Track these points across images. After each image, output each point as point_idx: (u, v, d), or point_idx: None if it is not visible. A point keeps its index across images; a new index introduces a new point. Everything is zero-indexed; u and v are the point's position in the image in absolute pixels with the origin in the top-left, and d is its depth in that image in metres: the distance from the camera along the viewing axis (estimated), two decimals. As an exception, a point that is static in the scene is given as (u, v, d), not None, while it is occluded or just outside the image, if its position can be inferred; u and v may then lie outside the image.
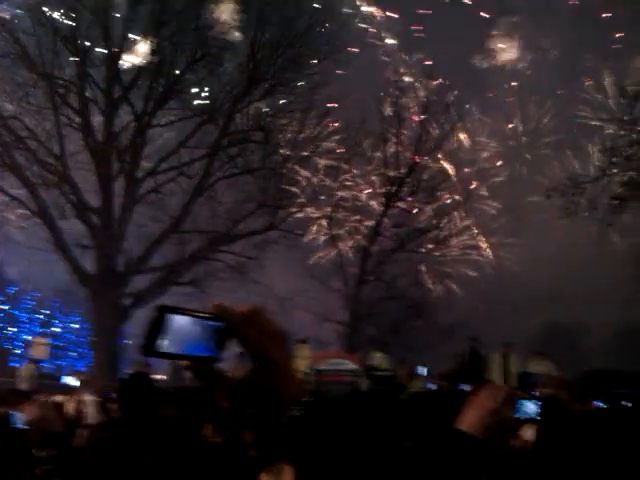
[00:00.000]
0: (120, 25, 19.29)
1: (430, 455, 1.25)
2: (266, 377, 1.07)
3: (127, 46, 19.58)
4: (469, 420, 1.39)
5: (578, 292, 29.77)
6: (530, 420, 2.09)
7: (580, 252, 27.04)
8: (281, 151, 20.95)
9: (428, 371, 13.07)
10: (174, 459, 3.46)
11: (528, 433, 2.64)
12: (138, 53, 19.81)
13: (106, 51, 19.12)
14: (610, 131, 21.49)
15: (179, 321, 1.02)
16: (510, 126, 33.94)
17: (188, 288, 19.64)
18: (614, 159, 19.20)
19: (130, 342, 19.56)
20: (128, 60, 19.79)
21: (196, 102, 20.10)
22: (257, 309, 1.08)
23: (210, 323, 1.04)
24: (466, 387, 9.11)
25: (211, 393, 1.09)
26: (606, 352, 28.37)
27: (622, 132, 19.20)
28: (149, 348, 1.01)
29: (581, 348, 29.31)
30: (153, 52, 19.21)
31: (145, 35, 19.43)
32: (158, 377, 16.14)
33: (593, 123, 30.21)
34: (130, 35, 19.59)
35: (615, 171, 19.29)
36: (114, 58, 19.14)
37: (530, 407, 2.13)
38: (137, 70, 19.51)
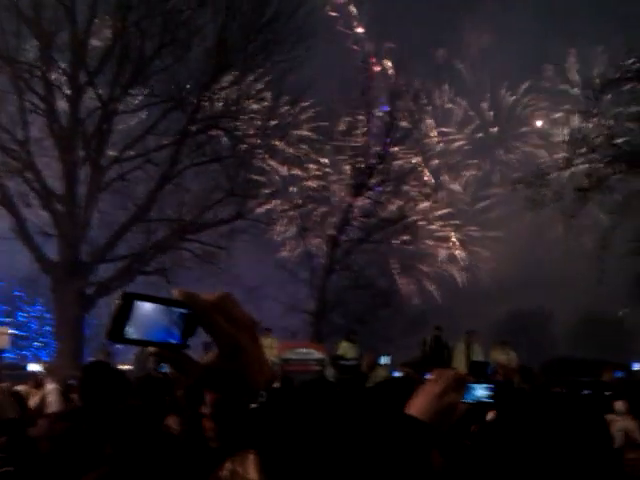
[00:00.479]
0: (86, 9, 18.89)
1: (380, 441, 1.26)
2: (233, 364, 1.07)
3: (93, 31, 19.19)
4: (418, 405, 1.41)
5: (544, 281, 30.40)
6: (482, 404, 2.12)
7: (547, 243, 27.58)
8: (250, 139, 20.83)
9: (391, 360, 13.19)
10: (133, 449, 3.43)
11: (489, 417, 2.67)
12: (104, 38, 19.45)
13: (71, 35, 18.73)
14: (576, 123, 21.86)
15: (145, 307, 1.02)
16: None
17: (154, 277, 19.47)
18: (579, 150, 19.55)
19: (95, 331, 19.35)
20: (94, 45, 19.43)
21: (163, 88, 19.79)
22: (225, 297, 1.08)
23: (177, 310, 1.04)
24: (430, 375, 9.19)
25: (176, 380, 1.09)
26: (571, 339, 28.98)
27: (587, 124, 19.54)
28: (114, 334, 1.00)
29: (546, 335, 29.86)
30: (119, 37, 18.85)
31: (112, 19, 19.05)
32: (124, 367, 16.02)
33: (558, 115, 30.72)
34: (96, 20, 19.22)
35: (580, 162, 19.64)
36: (79, 43, 18.76)
37: (481, 391, 2.15)
38: (103, 55, 19.15)
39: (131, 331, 1.01)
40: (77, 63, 18.87)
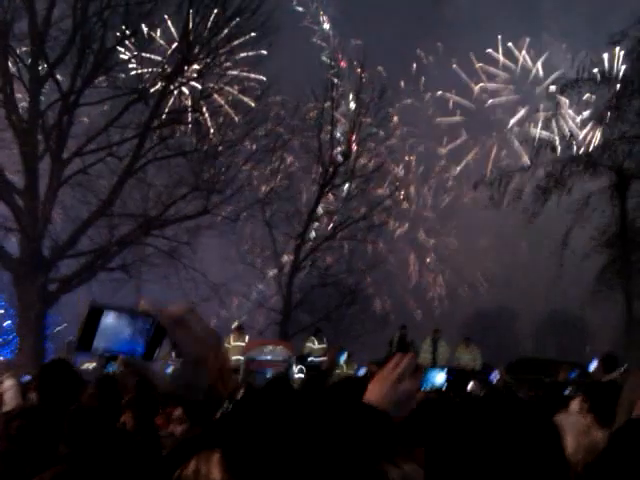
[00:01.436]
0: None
1: (337, 429, 1.26)
2: (194, 375, 1.10)
3: (53, 21, 18.78)
4: (374, 392, 1.41)
5: (510, 282, 30.89)
6: (437, 390, 2.14)
7: (511, 243, 28.05)
8: (215, 133, 20.68)
9: (354, 357, 13.31)
10: (89, 447, 3.38)
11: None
12: (65, 28, 19.06)
13: (30, 25, 18.31)
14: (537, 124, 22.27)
15: (111, 318, 1.05)
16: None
17: (117, 273, 19.21)
18: (540, 151, 19.91)
19: (57, 328, 19.02)
20: (54, 35, 19.03)
21: (126, 81, 19.50)
22: (189, 310, 1.12)
23: (143, 321, 1.07)
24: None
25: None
26: (535, 339, 29.51)
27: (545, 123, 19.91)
28: (83, 345, 1.05)
29: (511, 335, 30.35)
30: (80, 27, 18.48)
31: (73, 9, 18.67)
32: (90, 365, 15.78)
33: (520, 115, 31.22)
34: (57, 10, 18.81)
35: (540, 163, 20.00)
36: (39, 33, 18.34)
37: (438, 378, 2.18)
38: (64, 46, 18.76)
39: (99, 342, 1.04)
40: (36, 53, 18.45)
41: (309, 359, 13.37)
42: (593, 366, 10.68)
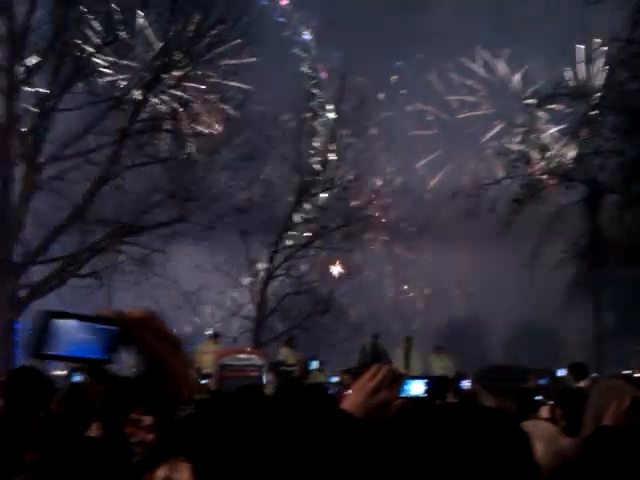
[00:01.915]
0: (25, 2, 18.33)
1: (312, 437, 1.28)
2: (157, 379, 1.11)
3: (32, 25, 18.62)
4: (351, 400, 1.43)
5: (484, 292, 31.14)
6: (417, 399, 2.15)
7: (487, 256, 28.28)
8: (193, 141, 20.62)
9: (325, 365, 13.34)
10: (58, 455, 3.36)
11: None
12: (44, 33, 18.91)
13: (8, 29, 18.14)
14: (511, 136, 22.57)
15: (67, 324, 1.05)
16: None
17: (89, 280, 18.99)
18: (514, 163, 20.17)
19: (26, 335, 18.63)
20: (33, 40, 18.87)
21: (105, 87, 19.38)
22: (150, 315, 1.13)
23: (102, 327, 1.08)
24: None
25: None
26: (506, 348, 29.74)
27: (521, 136, 20.20)
28: (35, 350, 1.05)
29: (483, 344, 30.57)
30: (60, 33, 18.35)
31: (52, 15, 18.54)
32: (59, 373, 15.54)
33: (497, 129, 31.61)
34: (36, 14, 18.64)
35: (515, 175, 20.25)
36: (17, 37, 18.18)
37: (417, 386, 2.18)
38: (42, 51, 18.61)
39: (53, 347, 1.04)
40: (14, 58, 18.27)
41: (282, 367, 13.34)
42: (561, 373, 10.85)
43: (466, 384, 9.90)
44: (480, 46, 34.01)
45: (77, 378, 6.90)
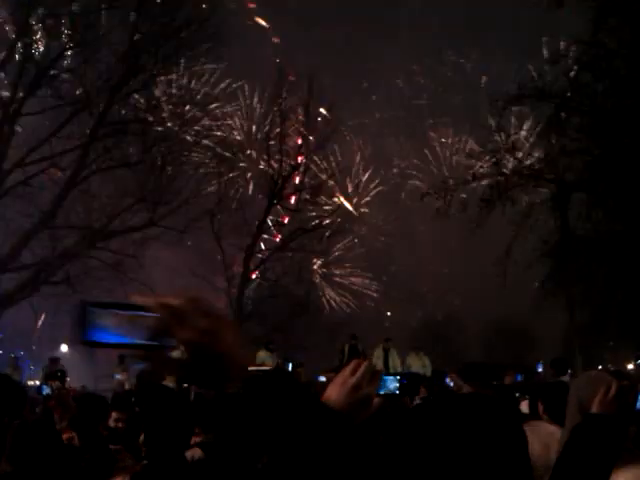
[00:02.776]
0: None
1: (295, 430, 1.24)
2: (205, 360, 1.13)
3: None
4: (332, 395, 1.39)
5: (456, 289, 31.43)
6: (391, 395, 2.14)
7: (459, 255, 28.57)
8: (161, 144, 20.41)
9: (296, 366, 13.35)
10: (33, 464, 3.25)
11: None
12: (6, 36, 18.55)
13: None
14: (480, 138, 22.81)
15: (107, 313, 1.09)
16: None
17: (61, 287, 18.66)
18: (483, 163, 20.40)
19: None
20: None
21: (71, 90, 19.05)
22: (190, 299, 1.15)
23: (141, 313, 1.11)
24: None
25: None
26: (482, 346, 30.08)
27: (491, 138, 20.42)
28: (82, 337, 1.08)
29: (459, 343, 30.88)
30: (22, 36, 18.01)
31: (14, 17, 18.19)
32: (32, 383, 15.26)
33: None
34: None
35: (484, 175, 20.47)
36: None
37: (391, 383, 2.18)
38: (5, 54, 18.24)
39: (98, 335, 1.08)
40: (-25, 62, 17.91)
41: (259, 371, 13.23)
42: (540, 369, 11.02)
43: (450, 381, 9.97)
44: (447, 47, 34.34)
45: (46, 391, 6.80)
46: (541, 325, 24.51)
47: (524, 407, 6.52)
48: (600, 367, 19.17)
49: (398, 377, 2.20)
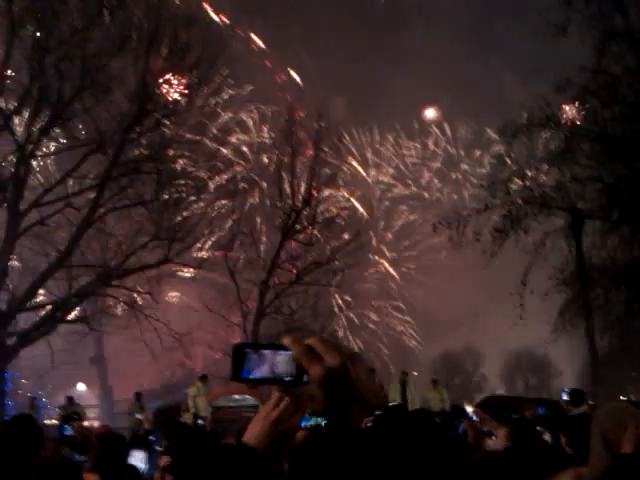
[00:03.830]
0: (1, 49, 18.38)
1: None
2: (337, 395, 1.20)
3: (9, 71, 18.64)
4: (253, 431, 1.36)
5: (473, 322, 31.15)
6: (318, 427, 2.08)
7: (474, 285, 28.37)
8: (175, 182, 20.61)
9: None
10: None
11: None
12: (22, 79, 18.92)
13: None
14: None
15: (258, 353, 1.24)
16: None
17: (77, 326, 18.70)
18: (495, 194, 20.35)
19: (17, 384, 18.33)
20: (11, 87, 18.88)
21: (84, 131, 19.35)
22: (320, 338, 1.23)
23: (286, 353, 1.24)
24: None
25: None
26: (500, 378, 29.70)
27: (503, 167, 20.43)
28: (235, 376, 1.24)
29: (477, 375, 30.49)
30: (37, 79, 18.37)
31: (29, 61, 18.58)
32: (49, 422, 15.24)
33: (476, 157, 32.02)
34: (13, 60, 18.68)
35: (497, 205, 20.40)
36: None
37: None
38: (20, 97, 18.59)
39: (249, 373, 1.23)
40: (-9, 105, 18.24)
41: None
42: (564, 398, 10.82)
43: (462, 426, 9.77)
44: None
45: (67, 432, 6.73)
46: (562, 355, 24.18)
47: (547, 437, 6.41)
48: (623, 398, 18.80)
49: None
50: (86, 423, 12.82)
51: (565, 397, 10.54)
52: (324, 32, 32.46)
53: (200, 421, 13.01)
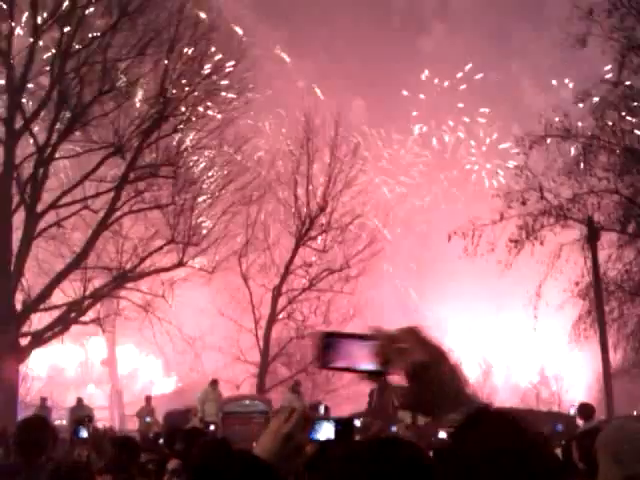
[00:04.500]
0: (24, 54, 18.61)
1: None
2: (425, 388, 1.17)
3: (30, 76, 18.88)
4: (263, 445, 1.38)
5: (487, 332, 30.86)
6: (327, 442, 2.10)
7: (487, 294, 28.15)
8: (191, 187, 20.73)
9: (325, 409, 13.21)
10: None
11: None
12: (42, 83, 19.16)
13: (7, 79, 18.40)
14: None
15: (342, 342, 1.26)
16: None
17: (91, 327, 18.82)
18: (511, 203, 20.22)
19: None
20: (31, 90, 19.12)
21: (103, 135, 19.53)
22: (411, 328, 1.21)
23: (371, 343, 1.23)
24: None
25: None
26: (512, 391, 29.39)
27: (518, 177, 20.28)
28: (321, 363, 1.26)
29: (488, 386, 30.21)
30: (57, 83, 18.59)
31: (50, 66, 18.81)
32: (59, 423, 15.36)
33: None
34: (34, 65, 18.92)
35: (512, 215, 20.28)
36: (16, 87, 18.41)
37: (327, 429, 2.15)
38: (41, 100, 18.82)
39: (337, 361, 1.25)
40: (13, 107, 18.46)
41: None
42: (573, 411, 10.74)
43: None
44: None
45: (82, 434, 6.77)
46: (576, 368, 23.94)
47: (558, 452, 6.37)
48: (635, 413, 18.58)
49: (333, 423, 2.20)
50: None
51: (573, 411, 10.46)
52: (342, 35, 32.53)
53: (212, 427, 13.02)
